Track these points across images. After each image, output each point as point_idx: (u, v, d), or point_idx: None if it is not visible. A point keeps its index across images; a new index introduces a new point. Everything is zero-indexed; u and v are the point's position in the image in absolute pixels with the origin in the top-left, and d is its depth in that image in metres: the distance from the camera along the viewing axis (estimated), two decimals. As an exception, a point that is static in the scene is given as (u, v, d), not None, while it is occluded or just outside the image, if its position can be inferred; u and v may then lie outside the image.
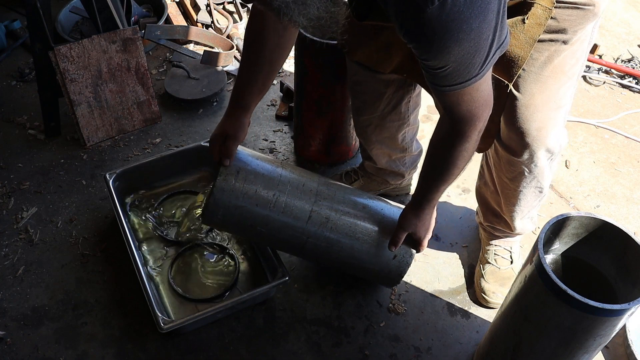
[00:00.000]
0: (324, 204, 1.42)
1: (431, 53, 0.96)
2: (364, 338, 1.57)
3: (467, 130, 1.12)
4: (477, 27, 0.91)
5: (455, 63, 0.96)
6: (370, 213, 1.46)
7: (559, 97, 1.27)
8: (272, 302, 1.63)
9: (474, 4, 0.88)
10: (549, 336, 1.17)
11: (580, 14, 1.16)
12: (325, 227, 1.42)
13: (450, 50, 0.93)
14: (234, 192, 1.36)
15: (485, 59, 0.98)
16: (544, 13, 1.15)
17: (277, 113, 2.19)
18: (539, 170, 1.39)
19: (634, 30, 2.67)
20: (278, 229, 1.41)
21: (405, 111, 1.60)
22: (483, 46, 0.95)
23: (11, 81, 2.33)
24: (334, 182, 1.51)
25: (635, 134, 2.16)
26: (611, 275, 1.22)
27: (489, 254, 1.67)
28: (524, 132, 1.29)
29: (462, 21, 0.89)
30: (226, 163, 1.35)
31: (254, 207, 1.38)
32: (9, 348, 1.53)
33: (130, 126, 2.11)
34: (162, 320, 1.42)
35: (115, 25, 1.97)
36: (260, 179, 1.39)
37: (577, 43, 1.22)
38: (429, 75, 1.03)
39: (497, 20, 0.94)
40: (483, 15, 0.91)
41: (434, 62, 0.98)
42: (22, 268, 1.70)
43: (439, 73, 0.99)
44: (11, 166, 2.00)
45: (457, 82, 1.01)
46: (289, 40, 1.34)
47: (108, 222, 1.82)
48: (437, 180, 1.27)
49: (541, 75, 1.23)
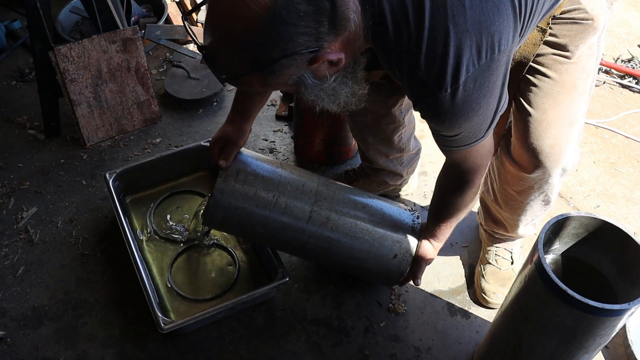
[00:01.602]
0: (324, 204, 1.42)
1: (443, 127, 1.07)
2: (364, 338, 1.57)
3: (473, 179, 1.23)
4: (485, 103, 1.02)
5: (465, 131, 1.06)
6: (370, 212, 1.46)
7: (572, 113, 1.26)
8: (272, 302, 1.63)
9: (482, 86, 0.97)
10: (549, 336, 1.17)
11: (579, 29, 1.17)
12: (326, 227, 1.42)
13: (462, 125, 1.04)
14: (233, 194, 1.36)
15: (490, 124, 1.08)
16: (539, 34, 1.18)
17: (277, 113, 2.19)
18: (550, 186, 1.38)
19: (634, 30, 2.67)
20: (278, 230, 1.41)
21: (398, 115, 1.60)
22: (489, 115, 1.06)
23: (11, 81, 2.33)
24: (334, 182, 1.51)
25: (635, 134, 2.16)
26: (611, 275, 1.22)
27: (490, 254, 1.67)
28: (536, 149, 1.27)
29: (472, 102, 0.99)
30: (223, 165, 1.36)
31: (254, 208, 1.38)
32: (9, 348, 1.53)
33: (130, 126, 2.11)
34: (162, 320, 1.42)
35: (115, 25, 1.97)
36: (260, 180, 1.39)
37: (584, 58, 1.22)
38: (438, 138, 1.13)
39: (502, 91, 1.04)
40: (490, 93, 1.00)
41: (445, 132, 1.09)
42: (22, 268, 1.70)
43: (449, 139, 1.10)
44: (11, 166, 2.00)
45: (465, 144, 1.11)
46: None
47: (108, 222, 1.82)
48: (449, 219, 1.38)
49: (553, 90, 1.23)
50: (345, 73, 1.00)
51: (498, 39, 0.94)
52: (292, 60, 0.87)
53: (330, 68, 0.94)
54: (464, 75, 0.93)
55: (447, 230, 1.42)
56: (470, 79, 0.95)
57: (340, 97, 1.03)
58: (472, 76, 0.94)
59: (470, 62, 0.93)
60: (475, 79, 0.95)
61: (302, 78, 0.92)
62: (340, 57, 0.91)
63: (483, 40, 0.92)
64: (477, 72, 0.94)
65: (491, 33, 0.92)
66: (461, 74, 0.93)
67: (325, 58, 0.89)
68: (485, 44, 0.93)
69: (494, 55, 0.95)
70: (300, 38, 0.84)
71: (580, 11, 1.15)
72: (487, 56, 0.94)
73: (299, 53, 0.86)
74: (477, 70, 0.94)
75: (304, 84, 0.94)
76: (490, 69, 0.96)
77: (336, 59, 0.91)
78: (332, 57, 0.90)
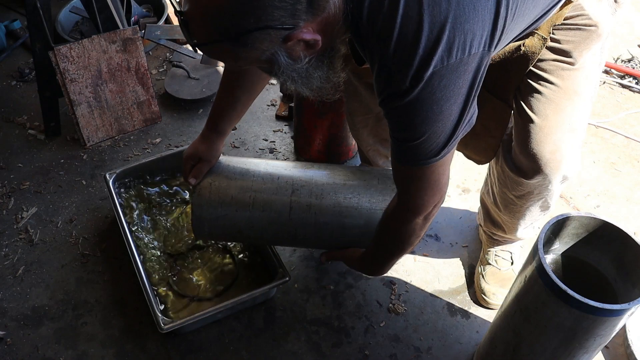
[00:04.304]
0: (302, 191, 1.42)
1: (399, 126, 1.00)
2: (364, 338, 1.57)
3: (410, 214, 1.14)
4: (447, 109, 0.95)
5: (420, 139, 0.99)
6: (351, 187, 1.43)
7: (573, 120, 1.25)
8: (272, 302, 1.63)
9: (447, 88, 0.92)
10: (549, 336, 1.17)
11: (583, 35, 1.16)
12: (310, 214, 1.41)
13: (418, 127, 0.97)
14: (211, 204, 1.41)
15: (448, 140, 1.00)
16: (539, 42, 1.16)
17: (277, 113, 2.19)
18: (549, 192, 1.37)
19: (634, 30, 2.67)
20: (264, 228, 1.43)
21: None
22: (449, 127, 0.98)
23: (11, 81, 2.33)
24: (311, 166, 1.50)
25: (635, 134, 2.16)
26: (611, 275, 1.22)
27: (490, 254, 1.66)
28: (536, 155, 1.25)
29: (433, 103, 0.93)
30: (193, 182, 1.42)
31: (235, 212, 1.41)
32: (9, 348, 1.53)
33: (130, 126, 2.11)
34: (162, 320, 1.43)
35: (115, 25, 1.97)
36: (234, 185, 1.42)
37: (588, 65, 1.21)
38: (393, 145, 1.05)
39: (466, 105, 0.97)
40: (454, 99, 0.94)
41: (400, 134, 1.02)
42: (22, 268, 1.70)
43: (402, 146, 1.03)
44: (11, 166, 2.00)
45: (418, 158, 1.02)
46: None
47: (108, 222, 1.82)
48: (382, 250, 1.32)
49: (555, 96, 1.21)
50: (321, 57, 0.97)
51: (470, 40, 0.90)
52: (265, 34, 0.85)
53: (306, 50, 0.92)
54: (431, 69, 0.89)
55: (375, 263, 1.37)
56: (436, 75, 0.90)
57: (313, 81, 0.99)
58: (438, 73, 0.90)
59: (439, 58, 0.89)
60: (442, 77, 0.91)
61: (275, 55, 0.91)
62: (317, 39, 0.90)
63: (456, 37, 0.89)
64: (444, 70, 0.90)
65: (464, 31, 0.89)
66: (429, 68, 0.89)
67: (300, 37, 0.88)
68: (457, 41, 0.89)
69: (464, 57, 0.91)
70: (275, 12, 0.83)
71: (584, 17, 1.14)
72: (457, 56, 0.90)
73: (273, 28, 0.85)
74: (445, 68, 0.90)
75: (277, 63, 0.92)
76: (458, 71, 0.92)
77: (312, 40, 0.89)
78: (308, 37, 0.88)
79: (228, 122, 1.42)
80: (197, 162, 1.43)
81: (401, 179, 1.12)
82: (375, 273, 1.44)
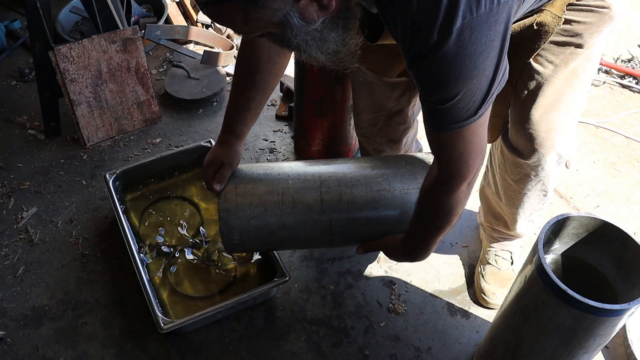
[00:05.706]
0: (330, 182, 1.36)
1: (432, 86, 0.94)
2: (364, 338, 1.57)
3: (455, 180, 1.07)
4: (482, 64, 0.90)
5: (456, 98, 0.93)
6: (380, 172, 1.38)
7: (569, 101, 1.25)
8: (272, 302, 1.63)
9: (479, 41, 0.87)
10: (549, 336, 1.17)
11: (596, 17, 1.14)
12: (342, 204, 1.35)
13: (452, 86, 0.91)
14: (239, 208, 1.33)
15: (484, 97, 0.95)
16: (553, 20, 1.13)
17: (277, 113, 2.19)
18: (546, 174, 1.37)
19: (634, 30, 2.67)
20: (298, 226, 1.36)
21: (411, 115, 1.58)
22: (484, 83, 0.93)
23: (11, 81, 2.33)
24: (334, 160, 1.46)
25: (635, 134, 2.16)
26: (611, 275, 1.22)
27: (490, 254, 1.67)
28: (532, 134, 1.26)
29: (466, 57, 0.87)
30: (217, 188, 1.34)
31: (264, 213, 1.34)
32: (9, 348, 1.53)
33: (130, 126, 2.11)
34: (162, 320, 1.43)
35: (115, 25, 1.97)
36: (260, 185, 1.36)
37: (593, 47, 1.20)
38: (426, 111, 1.00)
39: (499, 59, 0.93)
40: (487, 52, 0.89)
41: (434, 97, 0.96)
42: (22, 268, 1.70)
43: (438, 108, 0.96)
44: (11, 166, 2.00)
45: (455, 121, 0.97)
46: (282, 67, 1.33)
47: (108, 222, 1.82)
48: (424, 230, 1.23)
49: (555, 78, 1.21)
50: (335, 19, 0.92)
51: None
52: None
53: (320, 10, 0.88)
54: (460, 21, 0.84)
55: (419, 245, 1.28)
56: (467, 28, 0.85)
57: (328, 44, 0.94)
58: (468, 25, 0.85)
59: (468, 8, 0.84)
60: (472, 29, 0.85)
61: (287, 17, 0.87)
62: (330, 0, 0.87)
63: None
64: (474, 22, 0.85)
65: None
66: (456, 19, 0.84)
67: None
68: None
69: (493, 6, 0.85)
70: None
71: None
72: (486, 5, 0.84)
73: None
74: (475, 20, 0.84)
75: (289, 25, 0.89)
76: (489, 22, 0.86)
77: (326, 0, 0.86)
78: None
79: (243, 123, 1.38)
80: (219, 167, 1.37)
81: (440, 146, 1.04)
82: (420, 256, 1.31)
